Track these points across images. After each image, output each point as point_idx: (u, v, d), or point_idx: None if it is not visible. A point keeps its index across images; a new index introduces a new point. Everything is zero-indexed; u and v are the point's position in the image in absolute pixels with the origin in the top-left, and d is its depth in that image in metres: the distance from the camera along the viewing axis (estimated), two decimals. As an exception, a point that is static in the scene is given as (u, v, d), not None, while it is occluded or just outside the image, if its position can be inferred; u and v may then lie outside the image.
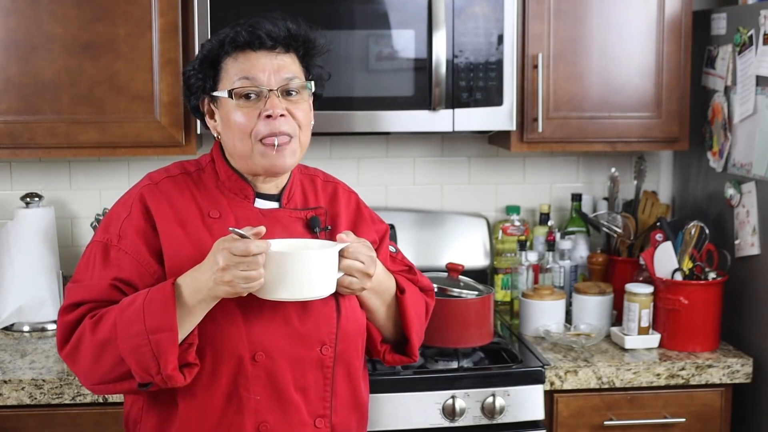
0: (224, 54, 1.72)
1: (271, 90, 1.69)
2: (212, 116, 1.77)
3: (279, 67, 1.70)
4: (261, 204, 1.78)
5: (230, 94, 1.70)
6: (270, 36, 1.69)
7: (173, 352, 1.57)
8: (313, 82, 1.77)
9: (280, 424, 1.72)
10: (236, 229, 1.57)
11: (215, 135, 1.78)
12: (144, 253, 1.68)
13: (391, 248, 1.97)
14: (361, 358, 1.85)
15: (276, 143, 1.70)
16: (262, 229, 1.59)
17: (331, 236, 1.80)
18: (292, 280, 1.61)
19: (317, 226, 1.79)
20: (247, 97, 1.69)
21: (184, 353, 1.62)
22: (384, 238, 1.95)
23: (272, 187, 1.80)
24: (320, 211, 1.83)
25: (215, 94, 1.73)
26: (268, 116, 1.68)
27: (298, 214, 1.79)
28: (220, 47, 1.71)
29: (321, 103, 1.88)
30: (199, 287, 1.58)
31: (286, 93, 1.71)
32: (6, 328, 2.70)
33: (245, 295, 1.59)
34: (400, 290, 1.85)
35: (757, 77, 2.52)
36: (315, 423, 1.75)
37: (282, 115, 1.69)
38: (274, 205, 1.80)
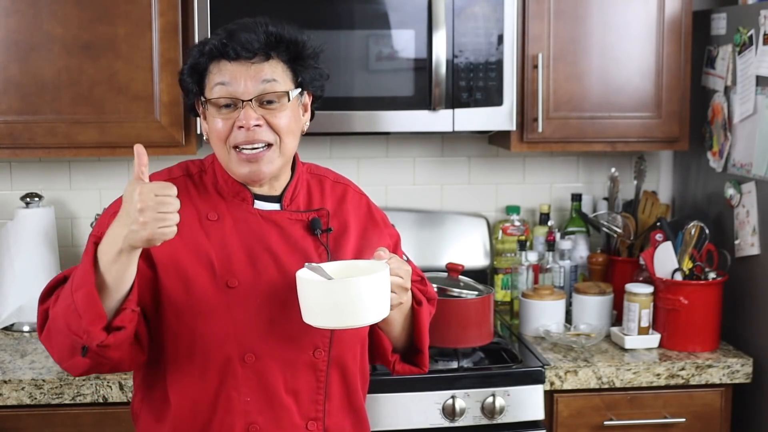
0: (206, 62, 1.71)
1: (245, 101, 1.67)
2: (205, 118, 1.77)
3: (255, 76, 1.67)
4: (261, 206, 1.77)
5: (208, 102, 1.70)
6: (245, 47, 1.67)
7: (91, 309, 1.53)
8: (298, 89, 1.73)
9: (270, 426, 1.71)
10: (313, 264, 1.62)
11: (205, 138, 1.78)
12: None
13: (404, 257, 1.96)
14: (358, 362, 1.83)
15: (249, 151, 1.68)
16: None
17: (336, 240, 1.80)
18: (353, 305, 1.58)
19: (318, 228, 1.78)
20: (226, 106, 1.69)
21: (117, 317, 1.57)
22: (397, 245, 1.93)
23: (271, 189, 1.78)
24: (322, 213, 1.80)
25: (202, 99, 1.73)
26: (241, 126, 1.68)
27: (299, 216, 1.78)
28: (201, 56, 1.71)
29: (321, 103, 1.87)
30: (115, 238, 1.52)
31: (266, 102, 1.69)
32: (6, 328, 2.71)
33: (158, 244, 1.52)
34: (417, 302, 1.83)
35: (757, 77, 2.52)
36: (307, 426, 1.75)
37: (258, 125, 1.67)
38: (275, 206, 1.78)
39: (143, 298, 1.65)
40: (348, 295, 1.58)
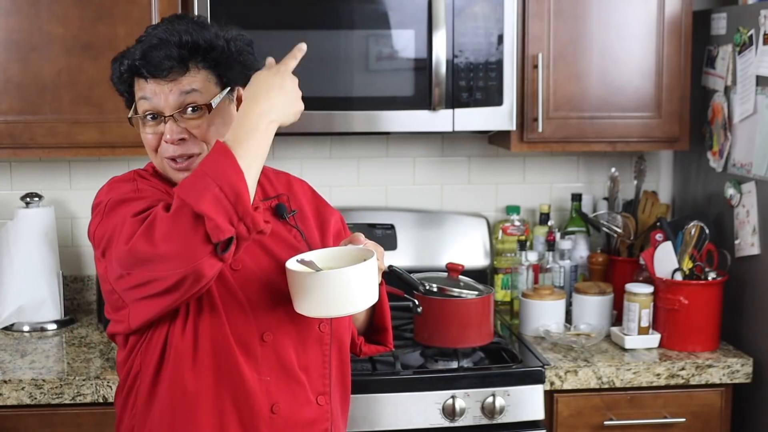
0: (128, 77, 1.71)
1: (166, 116, 1.67)
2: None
3: (174, 89, 1.67)
4: None
5: (135, 115, 1.71)
6: (158, 66, 1.65)
7: (247, 194, 1.51)
8: (225, 90, 1.70)
9: (289, 404, 1.72)
10: (306, 258, 1.62)
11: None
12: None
13: None
14: (350, 336, 1.87)
15: (181, 161, 1.69)
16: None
17: (300, 220, 1.82)
18: (352, 294, 1.61)
19: (285, 213, 1.81)
20: (152, 117, 1.69)
21: (257, 211, 1.55)
22: (344, 223, 1.97)
23: None
24: (283, 198, 1.84)
25: (130, 113, 1.73)
26: (167, 140, 1.68)
27: (264, 205, 1.78)
28: (121, 74, 1.71)
29: (321, 103, 1.87)
30: (263, 113, 1.57)
31: (190, 110, 1.67)
32: (6, 328, 2.71)
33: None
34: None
35: (757, 77, 2.52)
36: (317, 400, 1.76)
37: (182, 139, 1.67)
38: None
39: None
40: (339, 284, 1.60)
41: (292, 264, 1.65)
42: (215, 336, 1.67)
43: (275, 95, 1.59)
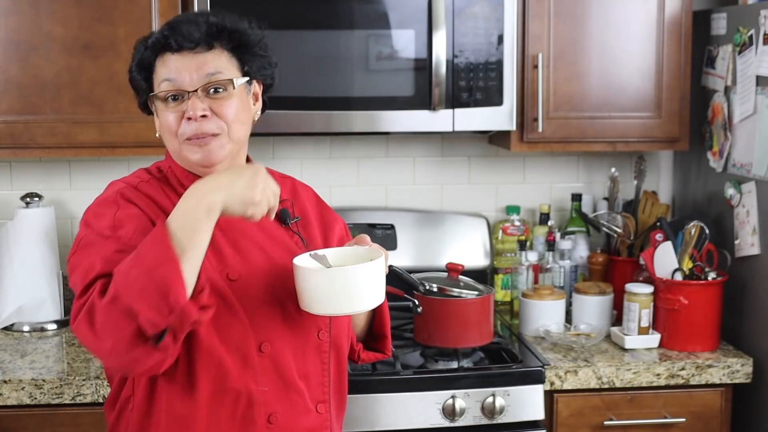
0: (152, 57, 1.72)
1: (190, 92, 1.68)
2: (157, 115, 1.77)
3: (200, 66, 1.68)
4: None
5: (155, 97, 1.71)
6: (187, 37, 1.67)
7: (180, 284, 1.48)
8: (245, 78, 1.73)
9: (287, 413, 1.72)
10: (318, 253, 1.64)
11: (156, 134, 1.78)
12: (150, 229, 1.60)
13: None
14: (348, 344, 1.87)
15: (198, 141, 1.69)
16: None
17: (303, 228, 1.83)
18: (360, 292, 1.61)
19: (288, 218, 1.81)
20: (173, 98, 1.70)
21: (197, 298, 1.53)
22: (346, 228, 1.97)
23: None
24: (287, 204, 1.84)
25: (152, 95, 1.73)
26: (189, 118, 1.68)
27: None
28: (145, 50, 1.72)
29: (321, 103, 1.87)
30: (203, 202, 1.53)
31: (212, 91, 1.69)
32: (6, 328, 2.71)
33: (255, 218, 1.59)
34: None
35: (757, 77, 2.52)
36: (317, 409, 1.76)
37: (204, 116, 1.68)
38: None
39: None
40: (348, 282, 1.60)
41: (302, 260, 1.65)
42: (211, 350, 1.65)
43: (228, 177, 1.57)
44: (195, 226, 1.52)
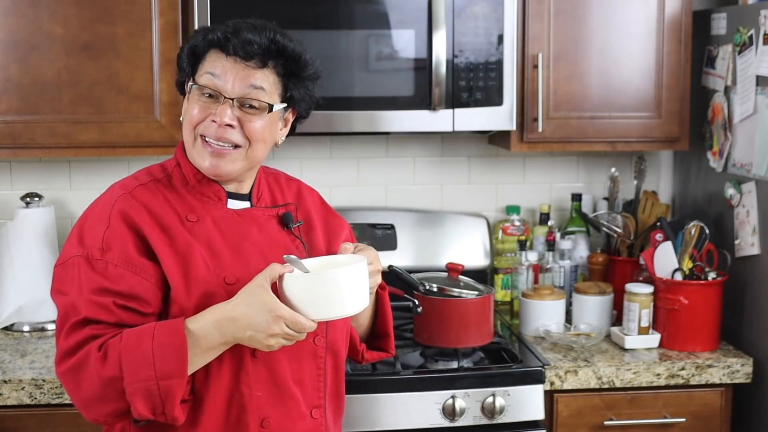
0: (206, 48, 1.72)
1: (226, 98, 1.68)
2: (187, 100, 1.76)
3: (245, 79, 1.68)
4: (233, 204, 1.78)
5: (193, 85, 1.71)
6: (245, 47, 1.67)
7: (180, 396, 1.58)
8: (283, 104, 1.74)
9: (280, 418, 1.72)
10: (292, 257, 1.62)
11: (181, 118, 1.77)
12: (137, 260, 1.64)
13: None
14: (346, 348, 1.88)
15: (216, 146, 1.69)
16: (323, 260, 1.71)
17: (306, 232, 1.83)
18: (342, 297, 1.62)
19: (290, 222, 1.81)
20: (209, 95, 1.69)
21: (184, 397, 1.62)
22: (352, 232, 1.98)
23: (239, 187, 1.79)
24: (291, 207, 1.84)
25: (191, 81, 1.73)
26: (214, 121, 1.68)
27: (271, 212, 1.80)
28: (202, 41, 1.72)
29: (321, 103, 1.87)
30: (224, 334, 1.59)
31: (248, 105, 1.69)
32: (6, 328, 2.71)
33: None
34: (380, 286, 1.88)
35: (757, 77, 2.52)
36: (312, 414, 1.76)
37: (230, 125, 1.68)
38: (246, 204, 1.80)
39: (158, 304, 1.66)
40: (327, 287, 1.60)
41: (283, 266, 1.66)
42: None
43: (249, 323, 1.58)
44: (207, 354, 1.61)
